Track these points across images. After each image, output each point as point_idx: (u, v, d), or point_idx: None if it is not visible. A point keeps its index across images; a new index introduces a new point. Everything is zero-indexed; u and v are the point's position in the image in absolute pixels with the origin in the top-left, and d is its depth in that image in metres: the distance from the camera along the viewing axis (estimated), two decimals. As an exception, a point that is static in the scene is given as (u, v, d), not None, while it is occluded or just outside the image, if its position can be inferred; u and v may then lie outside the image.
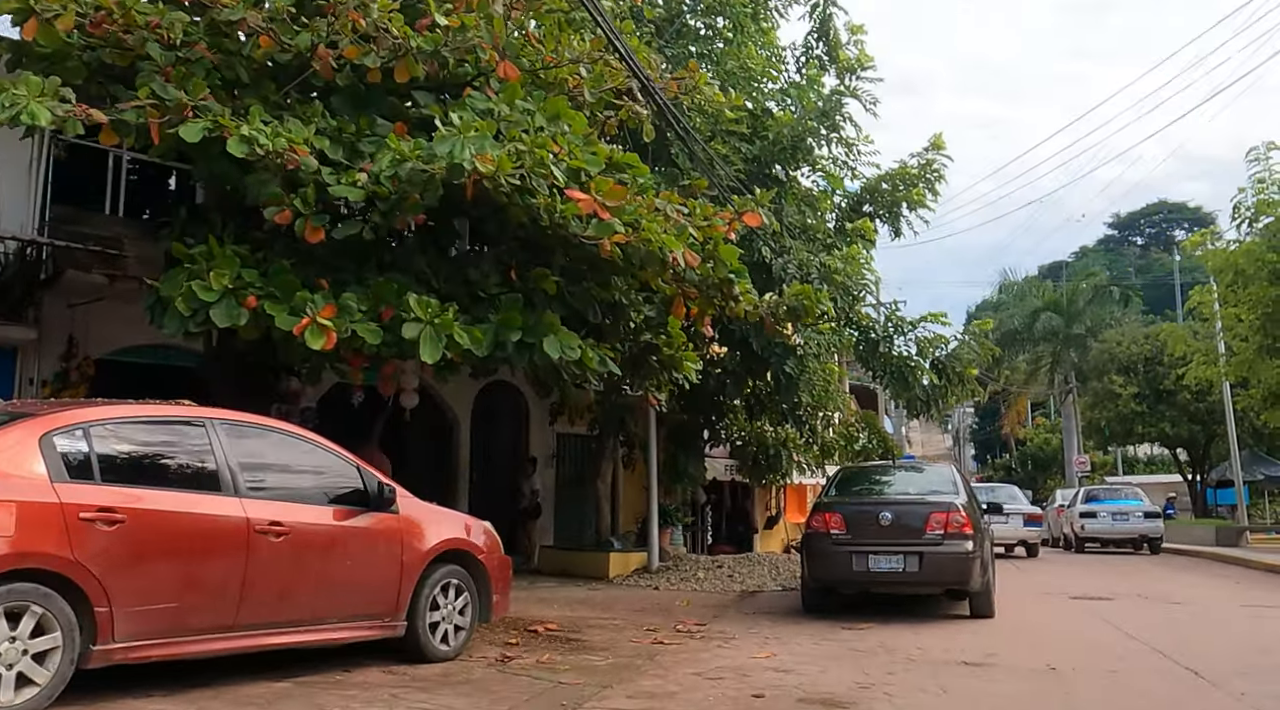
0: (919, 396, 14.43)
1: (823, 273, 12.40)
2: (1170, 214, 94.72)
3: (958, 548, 9.36)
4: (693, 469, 15.45)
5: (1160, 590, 12.97)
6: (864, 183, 15.74)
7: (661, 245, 8.59)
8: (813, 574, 9.96)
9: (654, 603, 11.13)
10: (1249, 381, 21.53)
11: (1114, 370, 34.40)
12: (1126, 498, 23.40)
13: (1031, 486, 53.80)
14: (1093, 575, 16.03)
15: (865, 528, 9.65)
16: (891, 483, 10.88)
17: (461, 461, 15.92)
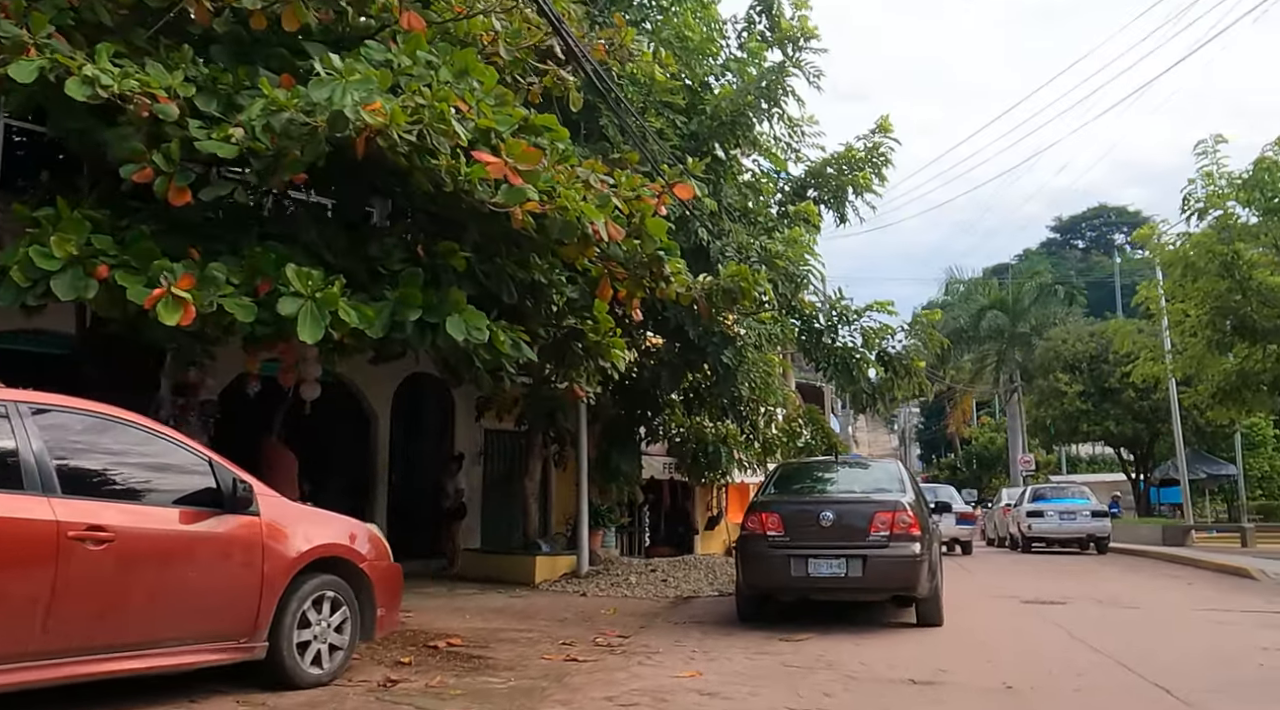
0: (864, 390, 13.73)
1: (763, 257, 11.60)
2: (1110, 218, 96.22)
3: (904, 550, 8.60)
4: (627, 467, 14.58)
5: (1113, 593, 12.38)
6: (809, 166, 15.03)
7: (580, 215, 7.72)
8: (748, 580, 9.13)
9: (578, 611, 10.24)
10: (1196, 378, 21.22)
11: (1059, 368, 34.22)
12: (1073, 497, 22.99)
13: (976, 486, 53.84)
14: (1043, 577, 15.45)
15: (805, 529, 8.85)
16: (834, 480, 10.10)
17: (380, 459, 14.89)
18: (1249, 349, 19.24)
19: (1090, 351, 33.65)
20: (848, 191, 14.80)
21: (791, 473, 10.47)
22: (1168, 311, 21.76)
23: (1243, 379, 19.68)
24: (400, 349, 8.10)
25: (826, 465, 10.75)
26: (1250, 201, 17.78)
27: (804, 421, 15.65)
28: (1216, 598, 11.92)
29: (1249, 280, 18.01)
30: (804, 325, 13.28)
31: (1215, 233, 18.00)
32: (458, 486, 15.11)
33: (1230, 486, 37.11)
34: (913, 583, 8.63)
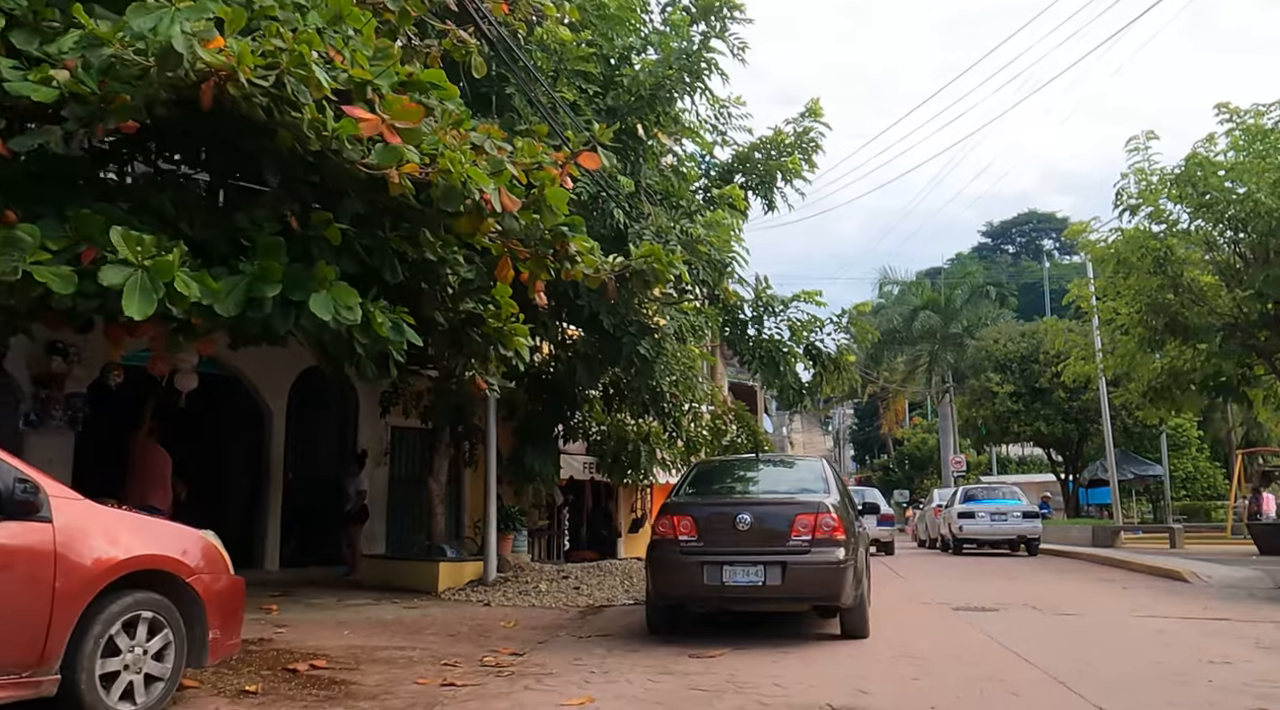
0: (792, 385, 13.03)
1: (683, 241, 10.81)
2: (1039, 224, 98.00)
3: (827, 556, 7.86)
4: (543, 466, 13.68)
5: (1047, 598, 11.83)
6: (736, 151, 14.32)
7: (466, 180, 6.83)
8: (657, 589, 8.32)
9: (476, 624, 9.33)
10: (1127, 377, 21.00)
11: (991, 368, 34.12)
12: (1005, 497, 22.64)
13: (908, 486, 53.96)
14: (974, 580, 14.92)
15: (720, 533, 8.07)
16: (754, 480, 9.32)
17: (274, 458, 13.83)
18: (1179, 347, 19.02)
19: (1021, 351, 33.61)
20: (776, 177, 14.12)
21: (708, 472, 9.69)
22: (1099, 310, 21.52)
23: (1173, 378, 19.46)
24: (260, 331, 7.13)
25: (747, 463, 10.00)
26: (1182, 197, 17.51)
27: (730, 418, 14.91)
28: (1153, 603, 11.43)
29: (1180, 277, 17.74)
30: (728, 316, 12.53)
31: (1147, 228, 17.71)
32: (359, 487, 14.10)
33: (1156, 487, 37.40)
34: (836, 591, 7.89)
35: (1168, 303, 17.88)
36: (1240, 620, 9.67)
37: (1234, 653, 7.58)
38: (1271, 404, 21.28)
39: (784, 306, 12.56)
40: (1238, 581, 13.37)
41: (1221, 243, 18.63)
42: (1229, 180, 17.26)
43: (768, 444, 15.43)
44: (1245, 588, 12.88)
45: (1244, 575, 13.75)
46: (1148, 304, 18.21)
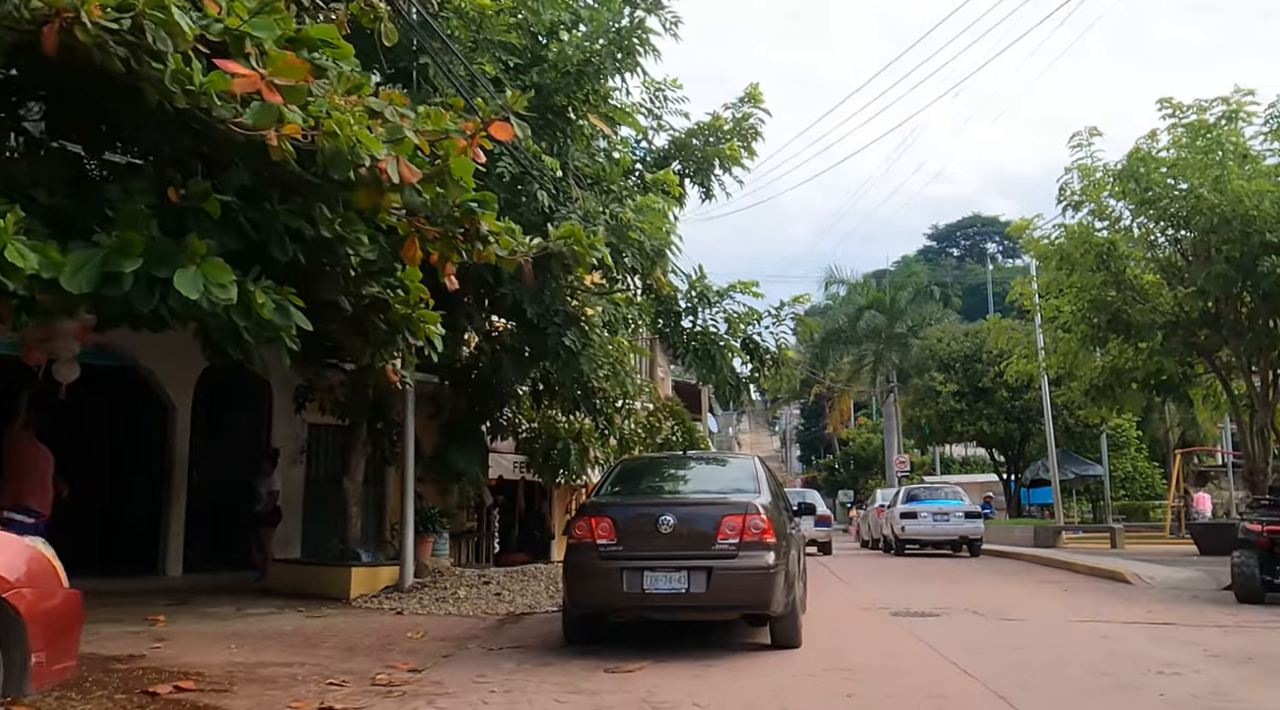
0: (728, 380, 12.47)
1: (613, 226, 10.18)
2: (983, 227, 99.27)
3: (756, 561, 7.29)
4: (468, 465, 12.98)
5: (989, 602, 11.41)
6: (672, 137, 13.72)
7: (355, 143, 6.14)
8: (573, 598, 7.68)
9: (381, 635, 8.62)
10: (1069, 375, 20.84)
11: (934, 368, 34.01)
12: (947, 497, 22.37)
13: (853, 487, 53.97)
14: (915, 583, 14.50)
15: (641, 536, 7.46)
16: (681, 479, 8.72)
17: (179, 456, 12.96)
18: (1121, 346, 18.86)
19: (965, 351, 33.55)
20: (715, 165, 13.55)
21: (633, 470, 9.07)
22: (1041, 308, 21.34)
23: (1115, 376, 19.31)
24: (124, 311, 6.36)
25: (675, 461, 9.39)
26: (1125, 193, 17.31)
27: (665, 415, 14.31)
28: (1096, 606, 11.05)
29: (1123, 274, 17.55)
30: (662, 308, 11.94)
31: (1090, 224, 17.50)
32: (271, 487, 13.27)
33: (1096, 487, 37.64)
34: (765, 599, 7.32)
35: (1110, 300, 17.69)
36: (1186, 624, 9.30)
37: (1183, 661, 7.15)
38: (1211, 403, 21.27)
39: (719, 297, 12.00)
40: (1180, 583, 13.10)
41: (1163, 241, 18.51)
42: (1171, 176, 17.09)
43: (704, 442, 14.87)
44: (1188, 589, 12.59)
45: (1186, 576, 13.49)
46: (1090, 301, 18.01)
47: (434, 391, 14.08)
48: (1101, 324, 17.88)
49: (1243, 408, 18.82)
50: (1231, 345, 17.94)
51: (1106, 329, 17.94)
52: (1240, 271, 16.07)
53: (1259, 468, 18.09)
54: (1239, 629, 8.96)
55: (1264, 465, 18.04)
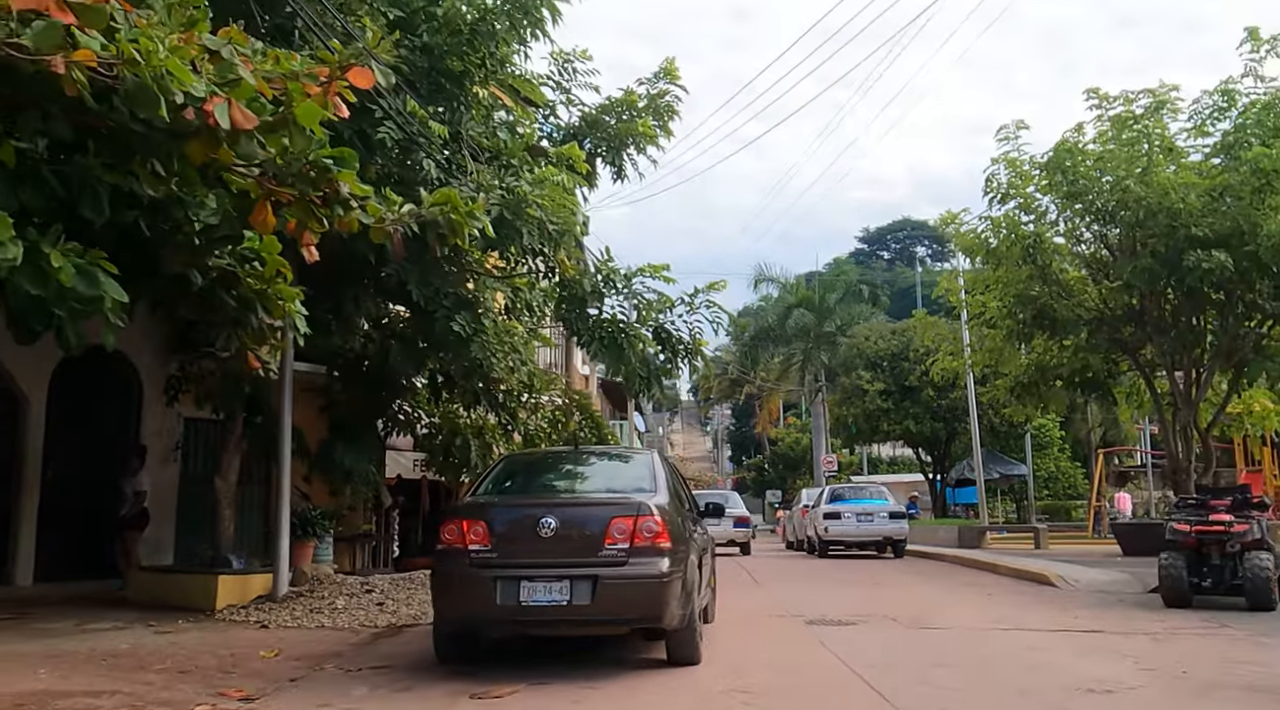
0: (639, 372, 11.63)
1: (506, 201, 9.27)
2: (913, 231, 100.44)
3: (648, 569, 6.45)
4: (357, 463, 11.96)
5: (910, 608, 10.76)
6: (583, 113, 12.88)
7: (164, 74, 5.17)
8: (440, 611, 6.77)
9: (230, 654, 7.59)
10: (994, 373, 20.48)
11: (862, 366, 33.70)
12: (872, 497, 21.83)
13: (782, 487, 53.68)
14: (835, 587, 13.84)
15: (519, 541, 6.58)
16: (570, 476, 7.86)
17: (30, 452, 11.71)
18: (1046, 343, 18.51)
19: (892, 349, 33.31)
20: (628, 143, 12.74)
21: (517, 467, 8.17)
22: (967, 304, 20.97)
23: (1040, 373, 18.97)
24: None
25: (566, 457, 8.52)
26: (1051, 186, 16.92)
27: (573, 410, 13.42)
28: (1020, 612, 10.47)
29: (1049, 267, 17.18)
30: (567, 292, 11.06)
31: (1017, 216, 17.09)
32: (137, 488, 12.07)
33: (1020, 486, 37.74)
34: (658, 611, 6.49)
35: (1036, 295, 17.30)
36: (1114, 632, 8.72)
37: (1114, 676, 6.50)
38: (1134, 402, 21.09)
39: (627, 282, 11.16)
40: (1105, 585, 12.64)
41: (1089, 236, 18.22)
42: (1098, 169, 16.76)
43: (614, 439, 14.03)
44: (1114, 593, 12.12)
45: (1111, 578, 13.05)
46: (1016, 296, 17.61)
47: (325, 384, 13.04)
48: (1027, 319, 17.48)
49: (1165, 406, 18.61)
50: (1155, 342, 17.70)
51: (1032, 325, 17.55)
52: (1165, 266, 15.75)
53: (1181, 467, 17.86)
54: (1170, 637, 8.40)
55: (1186, 464, 17.82)
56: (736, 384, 61.73)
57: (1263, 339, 17.20)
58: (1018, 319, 17.65)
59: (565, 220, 10.08)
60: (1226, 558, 10.55)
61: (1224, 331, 17.05)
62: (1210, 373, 17.77)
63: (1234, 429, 20.58)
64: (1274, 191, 15.16)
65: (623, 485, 7.33)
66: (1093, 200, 16.82)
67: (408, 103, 9.39)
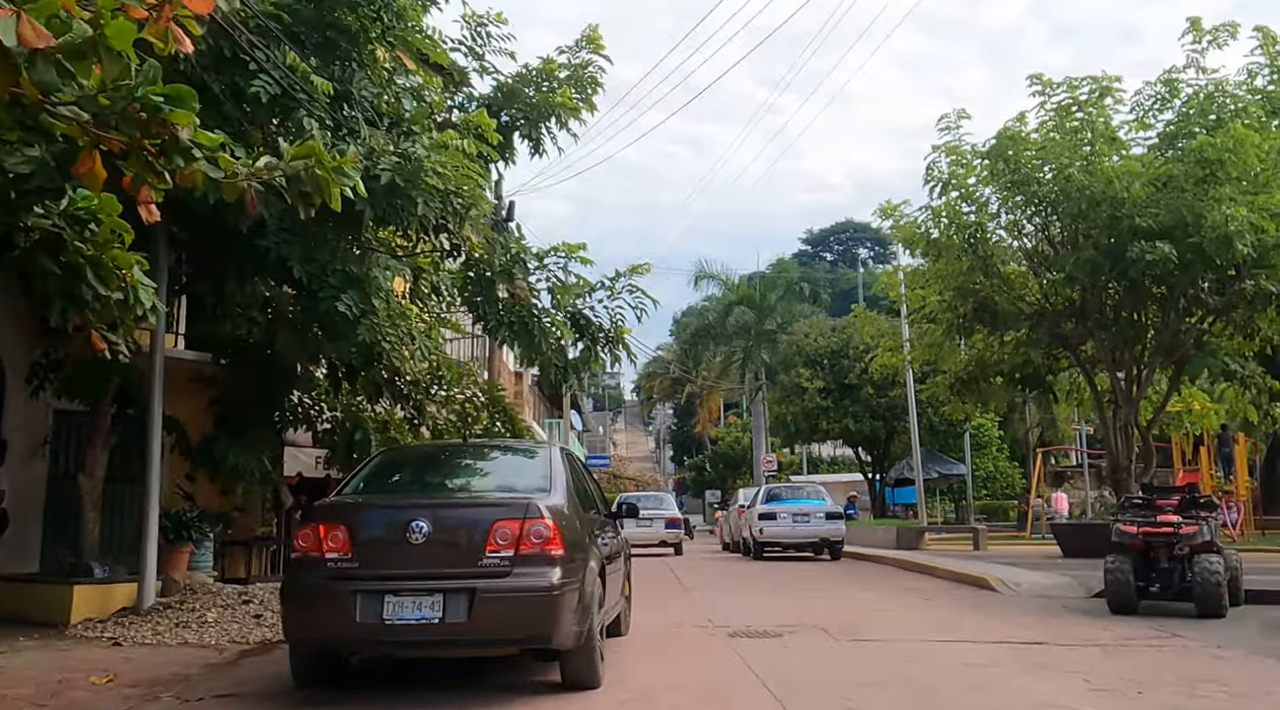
0: (554, 361, 10.71)
1: (401, 168, 8.29)
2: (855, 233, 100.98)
3: (535, 580, 5.55)
4: (240, 459, 10.85)
5: (844, 616, 9.99)
6: (498, 82, 11.92)
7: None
8: (292, 630, 5.79)
9: (55, 680, 6.51)
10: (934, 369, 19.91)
11: (801, 364, 33.12)
12: (809, 497, 21.11)
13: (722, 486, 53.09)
14: (766, 593, 13.06)
15: (385, 548, 5.65)
16: (454, 473, 6.91)
17: None
18: (987, 338, 17.96)
19: (832, 347, 32.79)
20: (550, 116, 11.81)
21: (394, 462, 7.20)
22: (907, 298, 20.39)
23: (980, 368, 18.42)
24: None
25: (454, 451, 7.58)
26: (993, 174, 16.35)
27: (483, 403, 12.43)
28: (960, 620, 9.75)
29: (991, 259, 16.62)
30: (474, 273, 10.09)
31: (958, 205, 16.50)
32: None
33: (959, 486, 37.52)
34: (547, 629, 5.58)
35: (978, 287, 16.71)
36: (1060, 643, 8.01)
37: (1063, 699, 5.75)
38: (1074, 399, 20.68)
39: (539, 262, 10.23)
40: (1048, 590, 12.01)
41: (1030, 229, 17.72)
42: (1040, 158, 16.24)
43: (530, 434, 13.08)
44: (1056, 597, 11.49)
45: (1054, 582, 12.43)
46: (957, 289, 17.03)
47: (213, 373, 11.92)
48: (968, 313, 16.90)
49: (1106, 403, 18.17)
50: (1096, 338, 17.23)
51: (973, 318, 16.96)
52: (1108, 258, 15.26)
53: (1122, 466, 17.42)
54: (1120, 649, 7.71)
55: (1127, 463, 17.39)
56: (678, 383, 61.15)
57: (1204, 335, 16.83)
58: (958, 312, 17.07)
59: (472, 193, 9.13)
60: (1175, 561, 9.95)
61: (1165, 327, 16.64)
62: (1151, 369, 17.36)
63: (1173, 428, 20.26)
64: (1218, 182, 14.74)
65: (513, 484, 6.42)
66: (1035, 190, 16.30)
67: (288, 55, 8.38)
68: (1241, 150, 14.55)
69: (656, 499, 27.13)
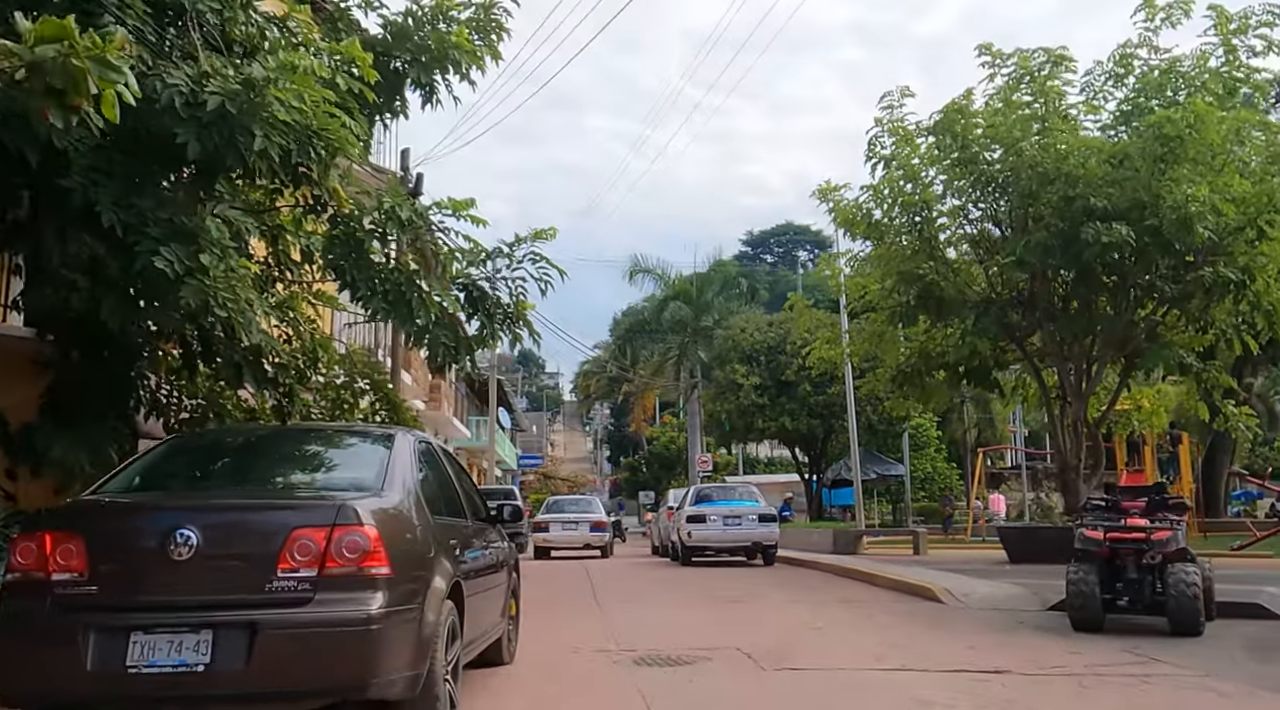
0: (442, 340, 9.15)
1: (231, 91, 6.69)
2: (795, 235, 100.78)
3: (346, 609, 4.06)
4: (67, 453, 9.09)
5: (771, 636, 8.63)
6: (387, 20, 10.35)
7: None
8: (8, 682, 4.19)
9: None
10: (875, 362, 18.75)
11: (736, 359, 31.87)
12: (741, 498, 19.74)
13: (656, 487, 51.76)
14: (688, 605, 11.67)
15: (135, 567, 4.12)
16: (256, 466, 5.31)
17: None
18: (931, 328, 16.81)
19: (769, 342, 31.59)
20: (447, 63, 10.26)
21: (183, 449, 5.68)
22: (847, 288, 19.20)
23: (924, 361, 17.28)
24: None
25: (266, 438, 6.01)
26: (940, 149, 15.22)
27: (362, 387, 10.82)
28: (905, 641, 8.44)
29: (936, 240, 15.48)
30: (342, 231, 8.49)
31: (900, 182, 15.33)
32: None
33: (897, 487, 36.64)
34: (363, 674, 4.09)
35: (922, 272, 15.53)
36: (1024, 673, 6.72)
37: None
38: (1019, 395, 19.66)
39: (419, 219, 8.67)
40: (1000, 601, 10.79)
41: (977, 215, 16.66)
42: (989, 136, 15.16)
43: (415, 423, 11.50)
44: (1010, 611, 10.26)
45: (1006, 593, 11.21)
46: (900, 274, 15.84)
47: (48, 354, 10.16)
48: (911, 299, 15.70)
49: (1054, 399, 17.17)
50: (1045, 329, 16.20)
51: (916, 305, 15.77)
52: (1061, 241, 14.18)
53: (1071, 465, 16.42)
54: (1097, 681, 6.44)
55: (1076, 463, 16.38)
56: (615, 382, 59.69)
57: (1156, 326, 15.87)
58: (902, 299, 15.87)
59: (338, 136, 7.57)
60: (1144, 570, 8.75)
61: (1117, 318, 15.63)
62: (1102, 363, 16.37)
63: (1120, 427, 19.36)
64: (1176, 161, 13.73)
65: (332, 480, 4.92)
66: (983, 169, 15.20)
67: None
68: (1202, 126, 13.57)
69: (584, 501, 27.30)
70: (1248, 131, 14.83)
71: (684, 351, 40.59)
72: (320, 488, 4.82)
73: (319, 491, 4.70)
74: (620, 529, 37.85)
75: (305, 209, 8.64)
